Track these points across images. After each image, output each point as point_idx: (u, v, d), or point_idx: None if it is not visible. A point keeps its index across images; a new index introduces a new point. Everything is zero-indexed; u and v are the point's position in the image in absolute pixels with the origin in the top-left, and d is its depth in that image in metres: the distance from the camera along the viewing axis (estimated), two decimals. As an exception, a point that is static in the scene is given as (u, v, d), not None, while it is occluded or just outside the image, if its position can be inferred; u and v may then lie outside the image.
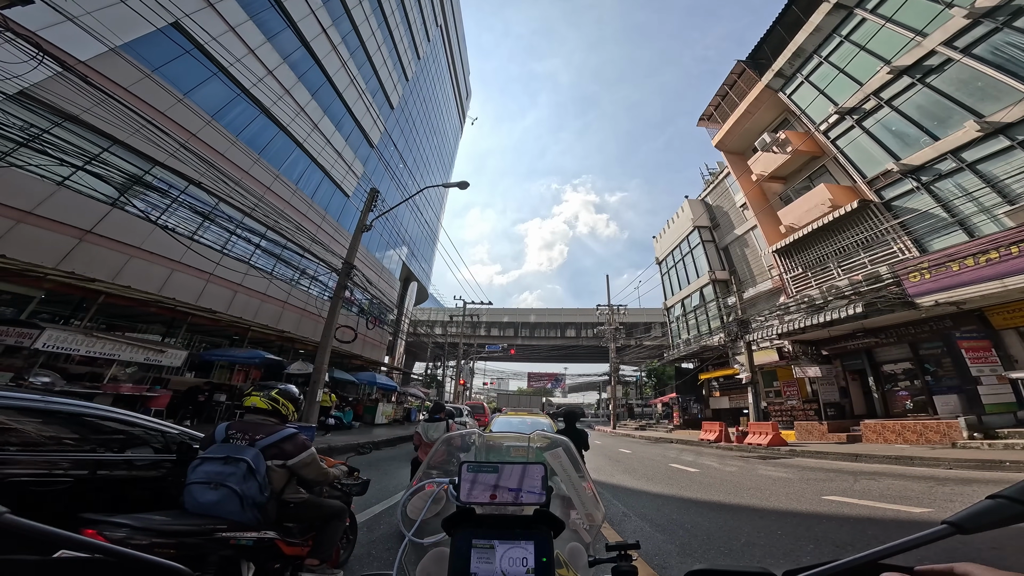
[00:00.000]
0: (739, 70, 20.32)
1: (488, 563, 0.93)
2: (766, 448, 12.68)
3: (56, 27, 8.94)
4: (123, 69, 10.87)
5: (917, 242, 12.29)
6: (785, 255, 17.50)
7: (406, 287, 37.47)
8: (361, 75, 23.68)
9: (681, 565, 3.67)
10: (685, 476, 8.69)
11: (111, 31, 9.99)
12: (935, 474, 7.31)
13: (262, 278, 15.93)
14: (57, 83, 8.54)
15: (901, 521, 4.69)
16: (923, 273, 10.82)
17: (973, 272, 9.76)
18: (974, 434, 9.39)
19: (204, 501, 2.14)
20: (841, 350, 14.90)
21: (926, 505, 5.21)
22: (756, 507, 5.69)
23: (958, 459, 7.89)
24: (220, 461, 2.23)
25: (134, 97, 10.86)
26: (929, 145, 11.94)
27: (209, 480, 2.16)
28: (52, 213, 9.51)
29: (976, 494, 5.64)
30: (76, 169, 9.22)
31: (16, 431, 2.54)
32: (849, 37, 15.08)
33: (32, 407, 2.56)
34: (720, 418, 20.58)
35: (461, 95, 54.99)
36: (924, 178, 12.19)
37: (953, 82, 11.69)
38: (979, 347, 10.47)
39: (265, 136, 16.51)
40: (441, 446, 1.66)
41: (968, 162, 11.11)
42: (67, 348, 9.22)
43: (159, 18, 11.25)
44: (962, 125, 11.13)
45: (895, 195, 13.11)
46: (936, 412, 11.20)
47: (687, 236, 26.14)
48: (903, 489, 6.23)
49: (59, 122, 9.36)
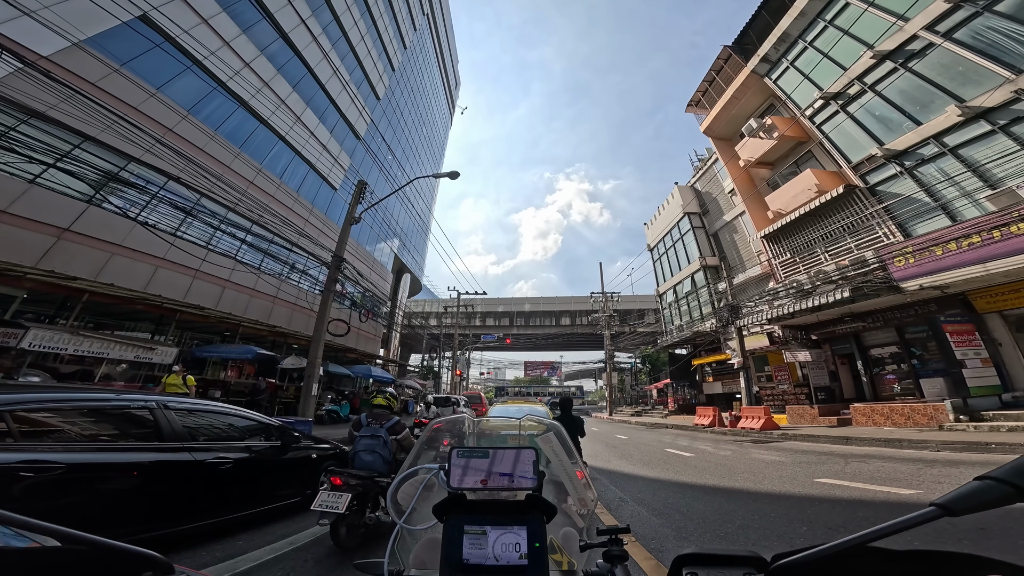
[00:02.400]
0: (725, 55, 20.16)
1: (480, 549, 0.93)
2: (759, 432, 12.93)
3: (12, 22, 8.56)
4: (89, 64, 10.47)
5: (901, 227, 12.41)
6: (773, 240, 17.65)
7: (399, 279, 37.19)
8: (344, 66, 23.08)
9: (677, 548, 3.72)
10: (680, 461, 8.83)
11: (73, 26, 9.59)
12: (923, 456, 7.48)
13: (250, 273, 15.67)
14: (19, 79, 8.19)
15: (891, 503, 4.81)
16: (908, 257, 10.97)
17: (956, 256, 9.90)
18: (960, 416, 9.54)
19: (366, 461, 3.76)
20: (830, 335, 15.14)
21: (915, 487, 5.35)
22: (750, 490, 5.80)
23: (945, 441, 8.07)
24: (369, 438, 3.85)
25: (103, 92, 10.47)
26: (912, 130, 11.97)
27: (367, 449, 3.81)
28: (27, 211, 9.22)
29: (963, 476, 5.78)
30: (47, 167, 8.89)
31: (204, 427, 3.99)
32: (833, 21, 15.01)
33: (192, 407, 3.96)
34: (713, 403, 20.95)
35: (450, 85, 54.05)
36: (907, 163, 12.26)
37: (935, 67, 11.69)
38: (963, 331, 10.65)
39: (245, 130, 16.07)
40: (431, 432, 1.65)
41: (950, 147, 11.16)
42: (54, 347, 9.07)
43: (124, 11, 10.82)
44: (944, 110, 11.15)
45: (879, 180, 13.20)
46: (923, 395, 11.39)
47: (677, 222, 26.21)
48: (892, 471, 6.38)
49: (24, 119, 9.00)
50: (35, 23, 8.71)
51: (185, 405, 3.86)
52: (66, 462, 2.75)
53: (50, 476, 2.65)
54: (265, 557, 3.43)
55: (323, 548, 3.71)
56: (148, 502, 3.22)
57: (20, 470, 2.55)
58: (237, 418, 4.38)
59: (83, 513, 2.86)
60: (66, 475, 2.72)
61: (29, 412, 2.94)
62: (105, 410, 3.38)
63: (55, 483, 2.68)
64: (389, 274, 32.59)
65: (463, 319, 40.74)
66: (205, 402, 4.35)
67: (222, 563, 3.27)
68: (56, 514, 2.70)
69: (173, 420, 3.56)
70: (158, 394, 4.46)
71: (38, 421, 2.93)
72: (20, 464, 2.56)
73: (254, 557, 3.41)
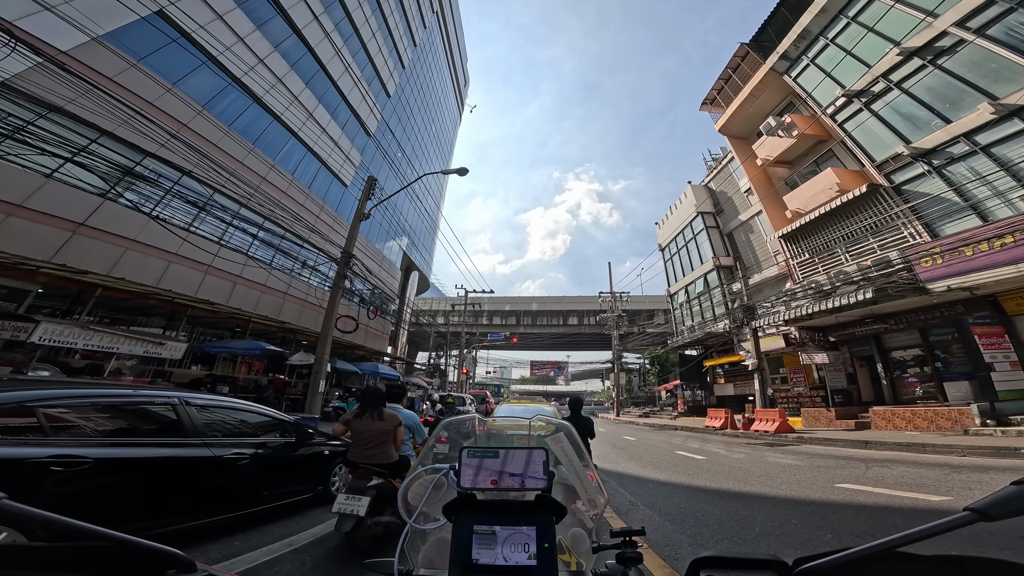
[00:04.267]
0: (742, 53, 19.77)
1: (490, 548, 0.93)
2: (773, 435, 12.62)
3: (34, 16, 8.66)
4: (107, 59, 10.56)
5: (928, 227, 12.03)
6: (791, 240, 17.23)
7: (407, 276, 37.30)
8: (356, 63, 23.14)
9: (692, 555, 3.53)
10: (692, 463, 8.61)
11: (92, 20, 9.66)
12: (949, 461, 7.21)
13: (261, 269, 15.77)
14: (39, 74, 8.27)
15: (920, 510, 4.57)
16: (935, 258, 10.62)
17: (987, 257, 9.58)
18: (987, 421, 9.28)
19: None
20: (849, 336, 14.75)
21: (944, 493, 5.09)
22: (768, 495, 5.59)
23: (971, 446, 7.80)
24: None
25: (120, 87, 10.55)
26: (941, 128, 11.62)
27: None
28: (43, 206, 9.32)
29: (994, 481, 5.53)
30: (64, 161, 8.99)
31: (221, 423, 3.99)
32: (856, 18, 14.64)
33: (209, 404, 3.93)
34: (725, 405, 20.56)
35: (459, 83, 54.07)
36: (936, 162, 11.89)
37: (966, 63, 11.34)
38: (992, 333, 10.34)
39: (259, 126, 16.17)
40: (441, 431, 1.64)
41: (982, 145, 10.81)
42: (64, 341, 9.09)
43: (143, 6, 10.91)
44: (975, 107, 10.81)
45: (905, 179, 12.80)
46: (946, 399, 11.12)
47: (690, 222, 25.82)
48: (918, 476, 6.12)
49: (43, 113, 9.11)
50: (55, 17, 8.80)
51: (205, 401, 3.90)
52: (93, 457, 2.78)
53: (77, 470, 2.69)
54: (261, 559, 3.33)
55: (321, 550, 3.62)
56: (169, 497, 3.27)
57: (50, 464, 2.59)
58: (253, 414, 4.42)
59: (107, 507, 2.90)
60: (92, 469, 2.76)
61: (59, 408, 2.96)
62: (129, 406, 3.43)
63: (82, 477, 2.72)
64: (398, 271, 32.69)
65: (470, 317, 40.74)
66: (223, 398, 4.34)
67: (216, 564, 3.17)
68: (81, 508, 2.75)
69: (194, 416, 3.61)
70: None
71: (59, 416, 2.94)
72: (50, 459, 2.60)
73: (250, 559, 3.32)
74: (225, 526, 3.72)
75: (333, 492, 5.05)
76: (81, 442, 2.83)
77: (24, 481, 2.49)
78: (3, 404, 2.64)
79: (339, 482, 5.20)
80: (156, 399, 3.56)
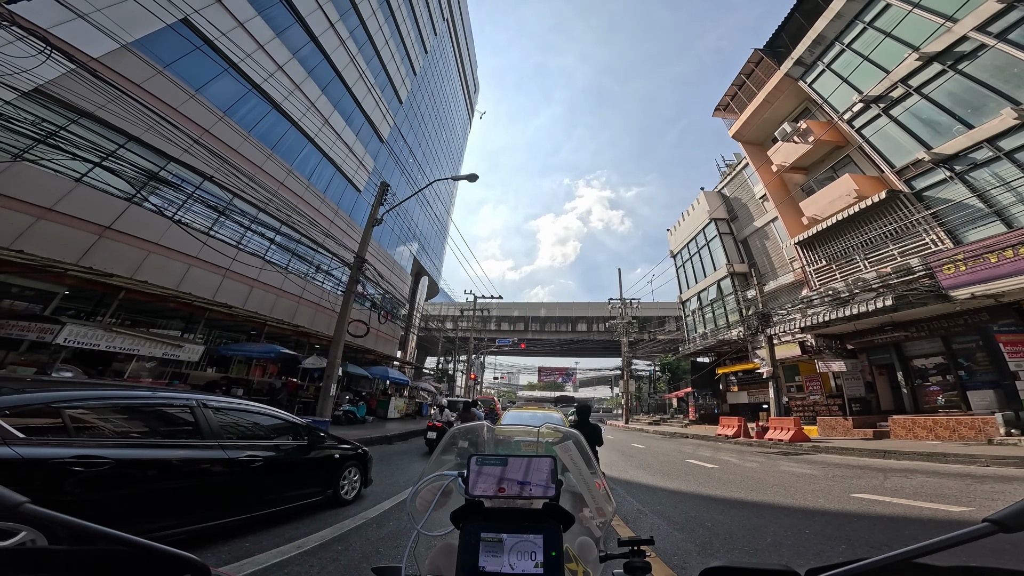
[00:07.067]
0: (757, 59, 19.66)
1: (496, 556, 0.93)
2: (788, 444, 12.36)
3: (67, 24, 9.02)
4: (135, 66, 10.96)
5: (951, 233, 11.75)
6: (808, 247, 16.92)
7: (417, 281, 37.58)
8: (370, 69, 23.59)
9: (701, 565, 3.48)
10: (703, 472, 8.47)
11: (122, 28, 10.02)
12: (971, 471, 6.98)
13: (277, 273, 16.07)
14: (71, 80, 8.63)
15: (940, 521, 4.44)
16: (958, 265, 10.36)
17: (1013, 264, 9.32)
18: (1012, 430, 9.03)
19: None
20: (867, 344, 14.40)
21: (965, 504, 4.94)
22: (781, 505, 5.47)
23: (995, 456, 7.55)
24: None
25: (147, 93, 10.94)
26: (963, 134, 11.39)
27: None
28: (71, 210, 9.67)
29: (1019, 492, 5.33)
30: (93, 166, 9.32)
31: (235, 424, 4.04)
32: (873, 23, 14.45)
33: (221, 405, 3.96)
34: (738, 413, 20.19)
35: (469, 89, 54.62)
36: (958, 167, 11.64)
37: (987, 68, 11.13)
38: (1018, 341, 10.05)
39: (277, 131, 16.58)
40: (449, 439, 1.66)
41: (1006, 151, 10.56)
42: (87, 343, 9.31)
43: (169, 14, 11.30)
44: (998, 113, 10.60)
45: (926, 185, 12.53)
46: (970, 408, 10.83)
47: (703, 228, 25.56)
48: (938, 487, 5.94)
49: (75, 119, 9.48)
50: (87, 25, 9.16)
51: (221, 404, 3.96)
52: (114, 457, 2.83)
53: (98, 471, 2.74)
54: (271, 561, 3.35)
55: (330, 553, 3.63)
56: (185, 498, 3.31)
57: (72, 464, 2.63)
58: (267, 417, 4.47)
59: (125, 507, 2.93)
60: (113, 470, 2.80)
61: (83, 409, 3.02)
62: (149, 407, 3.49)
63: (102, 478, 2.76)
64: (408, 276, 32.97)
65: (479, 323, 40.75)
66: (239, 401, 4.40)
67: (226, 564, 3.22)
68: (99, 508, 2.79)
69: (211, 419, 3.67)
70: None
71: (80, 417, 3.00)
72: (73, 459, 2.64)
73: (259, 560, 3.34)
74: (236, 528, 3.75)
75: (343, 496, 5.08)
76: (100, 443, 2.88)
77: (47, 480, 2.52)
78: (31, 404, 2.69)
79: (347, 485, 5.23)
80: (175, 401, 3.63)
